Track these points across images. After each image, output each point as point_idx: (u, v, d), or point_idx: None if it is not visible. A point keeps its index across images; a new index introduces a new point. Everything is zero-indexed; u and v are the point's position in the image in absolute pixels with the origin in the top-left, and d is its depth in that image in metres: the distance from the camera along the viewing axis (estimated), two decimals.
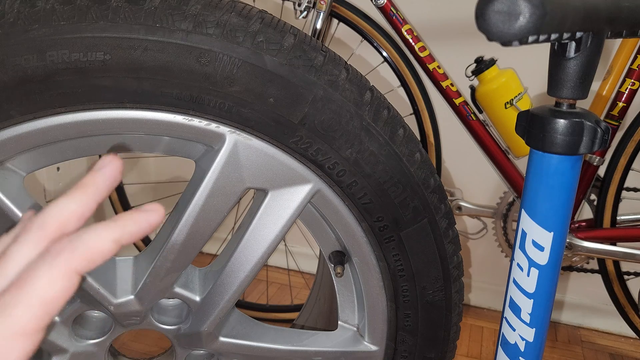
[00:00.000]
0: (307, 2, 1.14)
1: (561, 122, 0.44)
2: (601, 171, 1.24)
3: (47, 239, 0.31)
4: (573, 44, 0.41)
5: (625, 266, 1.35)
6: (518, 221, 0.51)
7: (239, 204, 1.33)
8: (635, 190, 1.31)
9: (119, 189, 1.44)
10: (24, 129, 0.51)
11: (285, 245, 1.79)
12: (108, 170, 0.33)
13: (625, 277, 1.34)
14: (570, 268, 1.37)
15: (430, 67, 1.17)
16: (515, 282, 0.52)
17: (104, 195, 0.33)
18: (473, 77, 1.18)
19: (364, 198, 0.59)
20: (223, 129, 0.54)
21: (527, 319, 0.52)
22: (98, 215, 1.63)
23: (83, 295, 0.59)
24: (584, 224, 1.29)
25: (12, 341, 0.27)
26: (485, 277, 1.63)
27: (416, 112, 1.35)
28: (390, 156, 0.58)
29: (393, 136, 0.58)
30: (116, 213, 1.46)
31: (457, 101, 1.19)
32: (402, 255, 0.63)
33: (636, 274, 1.36)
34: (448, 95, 1.19)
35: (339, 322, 0.71)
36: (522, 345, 0.54)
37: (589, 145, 0.44)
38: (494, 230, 1.38)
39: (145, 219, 0.32)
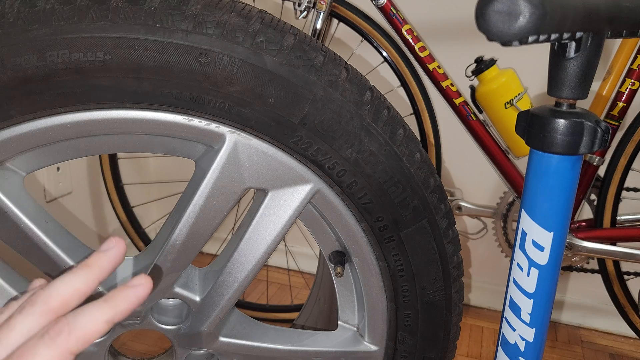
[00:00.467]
0: (307, 2, 1.14)
1: (561, 122, 0.44)
2: (601, 171, 1.24)
3: (50, 313, 0.34)
4: (573, 44, 0.41)
5: (625, 266, 1.35)
6: (518, 221, 0.51)
7: (239, 204, 1.33)
8: (635, 190, 1.31)
9: (119, 189, 1.44)
10: (24, 129, 0.51)
11: (285, 245, 1.79)
12: (112, 253, 0.37)
13: (625, 277, 1.34)
14: (570, 268, 1.37)
15: (430, 67, 1.17)
16: (515, 282, 0.52)
17: (106, 275, 0.36)
18: (473, 77, 1.18)
19: (364, 198, 0.59)
20: (223, 129, 0.54)
21: (527, 319, 0.52)
22: (99, 215, 1.63)
23: None
24: (584, 224, 1.29)
25: None
26: (485, 277, 1.63)
27: (416, 112, 1.35)
28: (390, 156, 0.58)
29: (393, 136, 0.58)
30: (116, 213, 1.46)
31: (457, 101, 1.19)
32: (402, 255, 0.63)
33: (636, 274, 1.36)
34: (448, 95, 1.19)
35: (339, 322, 0.71)
36: (522, 345, 0.54)
37: (589, 145, 0.44)
38: (494, 230, 1.38)
39: (134, 294, 0.35)
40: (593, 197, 1.30)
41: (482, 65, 1.16)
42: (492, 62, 1.15)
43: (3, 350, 0.32)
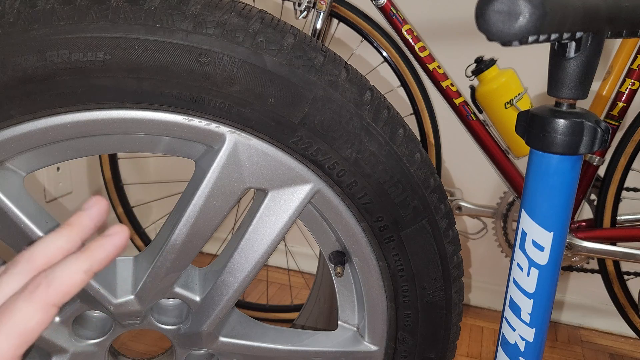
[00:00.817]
0: (307, 2, 1.14)
1: (561, 122, 0.44)
2: (601, 171, 1.24)
3: (34, 271, 0.34)
4: (573, 44, 0.41)
5: (625, 266, 1.35)
6: (518, 221, 0.51)
7: (239, 204, 1.33)
8: (635, 190, 1.31)
9: (119, 189, 1.44)
10: (24, 129, 0.51)
11: (285, 245, 1.79)
12: (94, 211, 0.37)
13: (625, 277, 1.34)
14: (570, 268, 1.37)
15: (430, 67, 1.17)
16: (515, 282, 0.52)
17: (89, 233, 0.37)
18: (473, 77, 1.18)
19: (364, 198, 0.59)
20: (223, 129, 0.54)
21: (527, 319, 0.52)
22: None
23: (83, 295, 0.59)
24: (584, 224, 1.29)
25: None
26: (485, 277, 1.63)
27: (416, 112, 1.35)
28: (390, 156, 0.58)
29: (393, 136, 0.58)
30: (116, 213, 1.46)
31: (457, 101, 1.19)
32: (402, 255, 0.63)
33: (636, 274, 1.36)
34: (448, 95, 1.19)
35: (339, 322, 0.71)
36: (522, 345, 0.54)
37: (589, 145, 0.44)
38: (494, 230, 1.38)
39: (111, 243, 0.35)
40: (593, 197, 1.30)
41: (482, 65, 1.16)
42: (492, 62, 1.15)
43: None
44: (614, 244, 1.24)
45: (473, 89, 1.20)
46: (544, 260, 0.49)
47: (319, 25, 1.16)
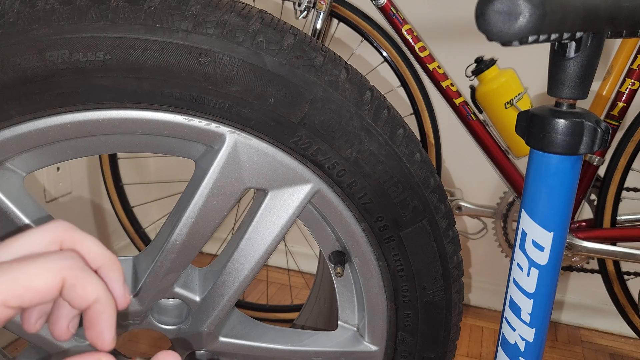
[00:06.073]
0: (307, 2, 1.14)
1: (561, 122, 0.44)
2: (601, 171, 1.24)
3: (59, 243, 0.33)
4: (573, 44, 0.41)
5: (625, 266, 1.35)
6: (518, 221, 0.51)
7: (239, 204, 1.33)
8: (635, 190, 1.31)
9: (119, 189, 1.44)
10: (24, 129, 0.51)
11: (285, 245, 1.79)
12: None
13: (625, 277, 1.34)
14: (570, 268, 1.37)
15: (430, 67, 1.17)
16: (515, 282, 0.52)
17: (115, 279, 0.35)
18: (473, 77, 1.18)
19: (364, 198, 0.59)
20: (223, 129, 0.54)
21: (527, 319, 0.52)
22: (99, 215, 1.63)
23: None
24: (584, 224, 1.29)
25: None
26: (485, 277, 1.63)
27: (416, 112, 1.35)
28: (390, 156, 0.58)
29: (393, 136, 0.58)
30: (116, 213, 1.46)
31: (457, 101, 1.19)
32: (402, 255, 0.63)
33: (636, 274, 1.36)
34: (448, 95, 1.19)
35: (339, 322, 0.71)
36: (522, 345, 0.54)
37: (589, 145, 0.44)
38: (494, 230, 1.38)
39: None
40: (593, 197, 1.30)
41: (482, 65, 1.16)
42: (492, 62, 1.15)
43: (10, 252, 0.31)
44: (614, 244, 1.24)
45: (473, 89, 1.20)
46: (544, 260, 0.49)
47: (319, 25, 1.16)
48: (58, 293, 0.30)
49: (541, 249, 0.49)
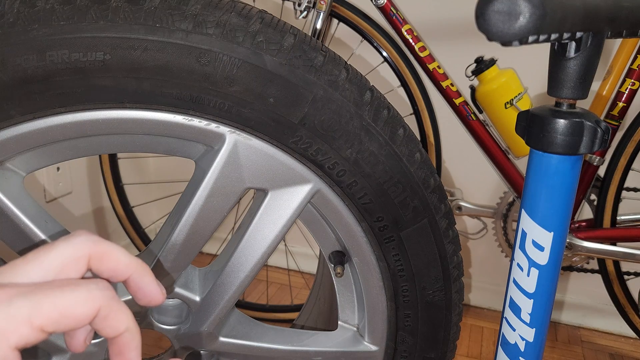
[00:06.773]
0: (307, 2, 1.14)
1: (561, 122, 0.44)
2: (601, 171, 1.24)
3: (87, 259, 0.33)
4: (573, 44, 0.41)
5: (625, 266, 1.35)
6: (518, 221, 0.51)
7: (239, 204, 1.33)
8: (635, 190, 1.31)
9: (119, 189, 1.44)
10: (24, 129, 0.51)
11: (285, 245, 1.79)
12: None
13: (625, 277, 1.34)
14: (570, 268, 1.37)
15: (430, 67, 1.17)
16: (515, 282, 0.52)
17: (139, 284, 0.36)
18: (473, 77, 1.18)
19: (364, 198, 0.59)
20: (223, 129, 0.54)
21: (527, 319, 0.52)
22: (99, 215, 1.63)
23: None
24: (584, 224, 1.29)
25: (21, 325, 0.28)
26: (485, 277, 1.63)
27: (416, 112, 1.35)
28: (390, 156, 0.58)
29: (393, 136, 0.58)
30: (116, 213, 1.46)
31: (457, 101, 1.19)
32: (402, 255, 0.63)
33: (636, 274, 1.36)
34: (448, 95, 1.19)
35: (339, 322, 0.71)
36: (522, 345, 0.54)
37: (589, 145, 0.44)
38: (494, 230, 1.38)
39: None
40: (593, 197, 1.30)
41: (482, 65, 1.16)
42: (492, 62, 1.15)
43: (39, 271, 0.31)
44: (614, 244, 1.24)
45: (473, 89, 1.20)
46: (544, 260, 0.49)
47: (319, 25, 1.16)
48: (90, 321, 0.31)
49: (541, 249, 0.49)
